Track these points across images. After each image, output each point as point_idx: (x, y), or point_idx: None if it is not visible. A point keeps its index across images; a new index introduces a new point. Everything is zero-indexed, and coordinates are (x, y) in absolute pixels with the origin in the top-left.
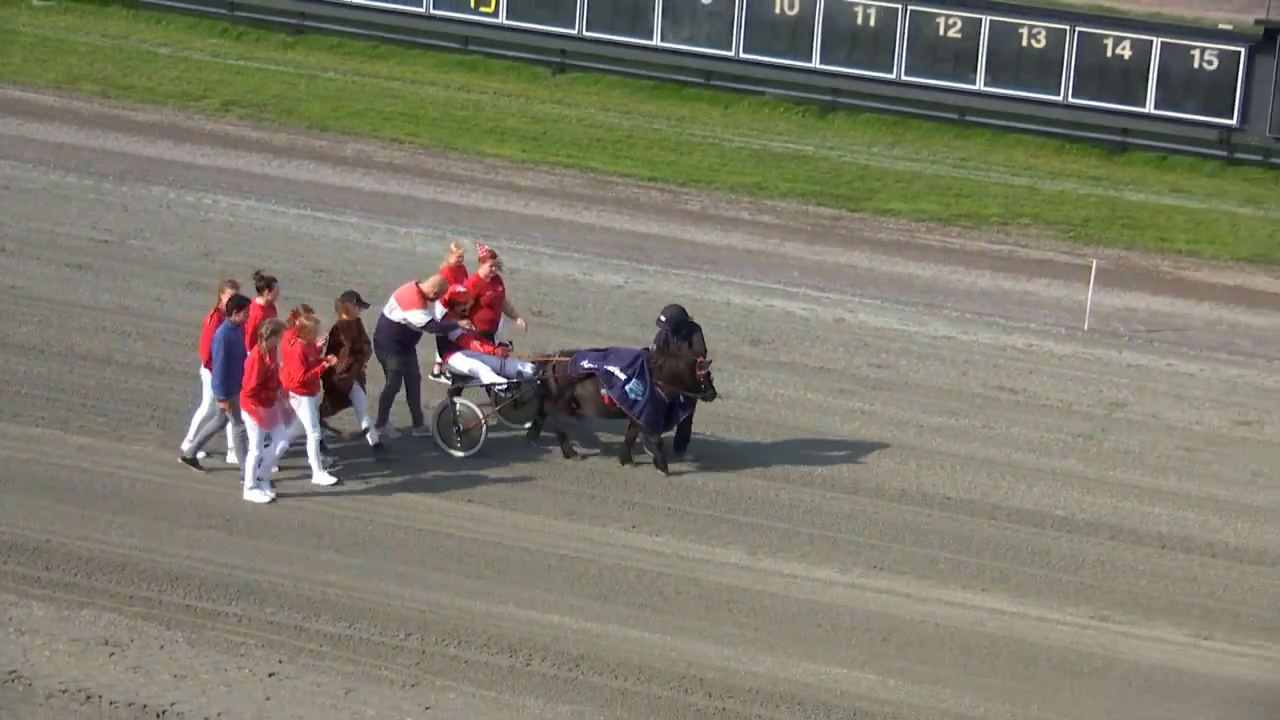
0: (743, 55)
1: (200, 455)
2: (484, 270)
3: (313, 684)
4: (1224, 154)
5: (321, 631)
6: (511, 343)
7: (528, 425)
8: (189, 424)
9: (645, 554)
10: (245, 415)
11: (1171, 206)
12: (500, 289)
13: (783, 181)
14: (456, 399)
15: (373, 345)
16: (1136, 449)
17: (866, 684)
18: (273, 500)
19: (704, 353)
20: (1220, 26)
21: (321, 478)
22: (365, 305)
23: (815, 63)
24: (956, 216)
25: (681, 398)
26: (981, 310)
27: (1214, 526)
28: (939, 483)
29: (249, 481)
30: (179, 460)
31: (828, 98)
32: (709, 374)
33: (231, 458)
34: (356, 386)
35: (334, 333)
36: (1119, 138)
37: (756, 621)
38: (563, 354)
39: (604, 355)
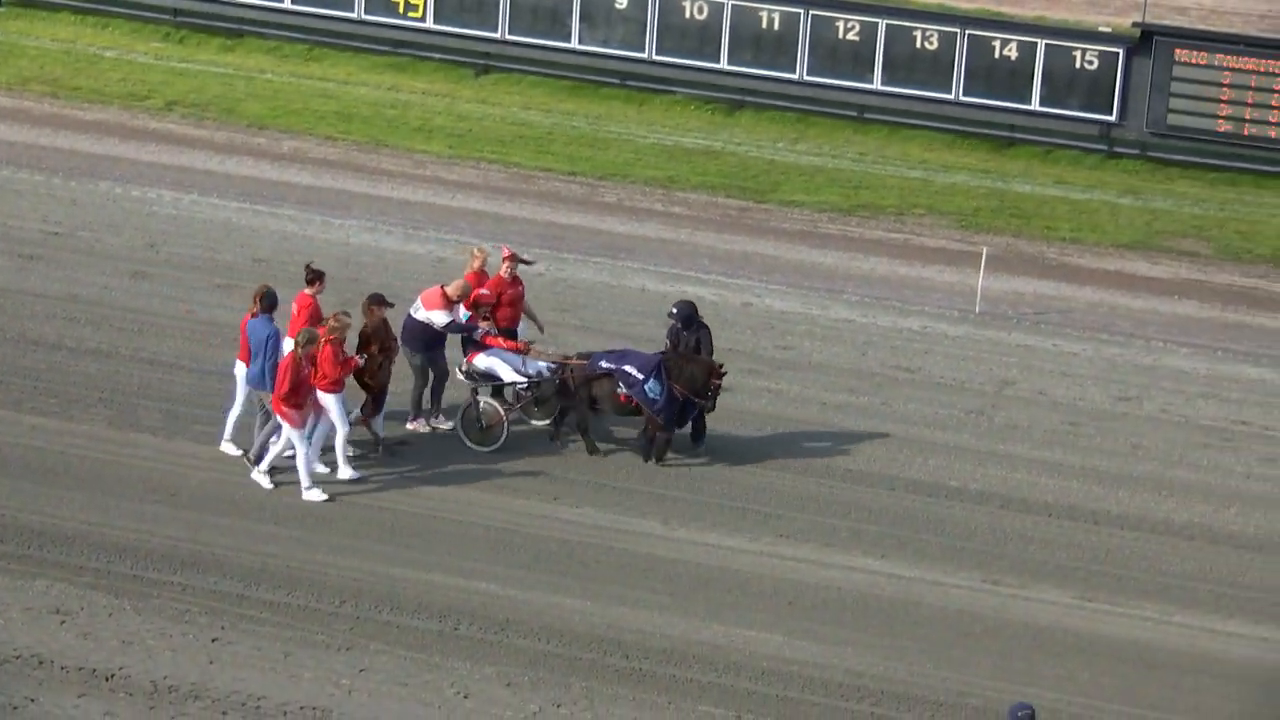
0: (655, 57)
1: (237, 452)
2: (504, 270)
3: (253, 649)
4: (1104, 148)
5: (261, 599)
6: (533, 341)
7: (546, 422)
8: (225, 422)
9: (567, 524)
10: (278, 418)
11: (1056, 197)
12: (520, 288)
13: (693, 175)
14: (480, 397)
15: (399, 343)
16: (1025, 424)
17: (773, 645)
18: (328, 500)
19: (712, 354)
20: (1100, 29)
21: (345, 471)
22: (390, 305)
23: (723, 64)
24: (856, 207)
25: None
26: (880, 295)
27: (1097, 496)
28: (840, 456)
29: (305, 482)
30: (230, 454)
31: (735, 97)
32: (719, 386)
33: (228, 448)
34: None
35: (363, 334)
36: (1006, 133)
37: (671, 587)
38: (580, 356)
39: (621, 356)
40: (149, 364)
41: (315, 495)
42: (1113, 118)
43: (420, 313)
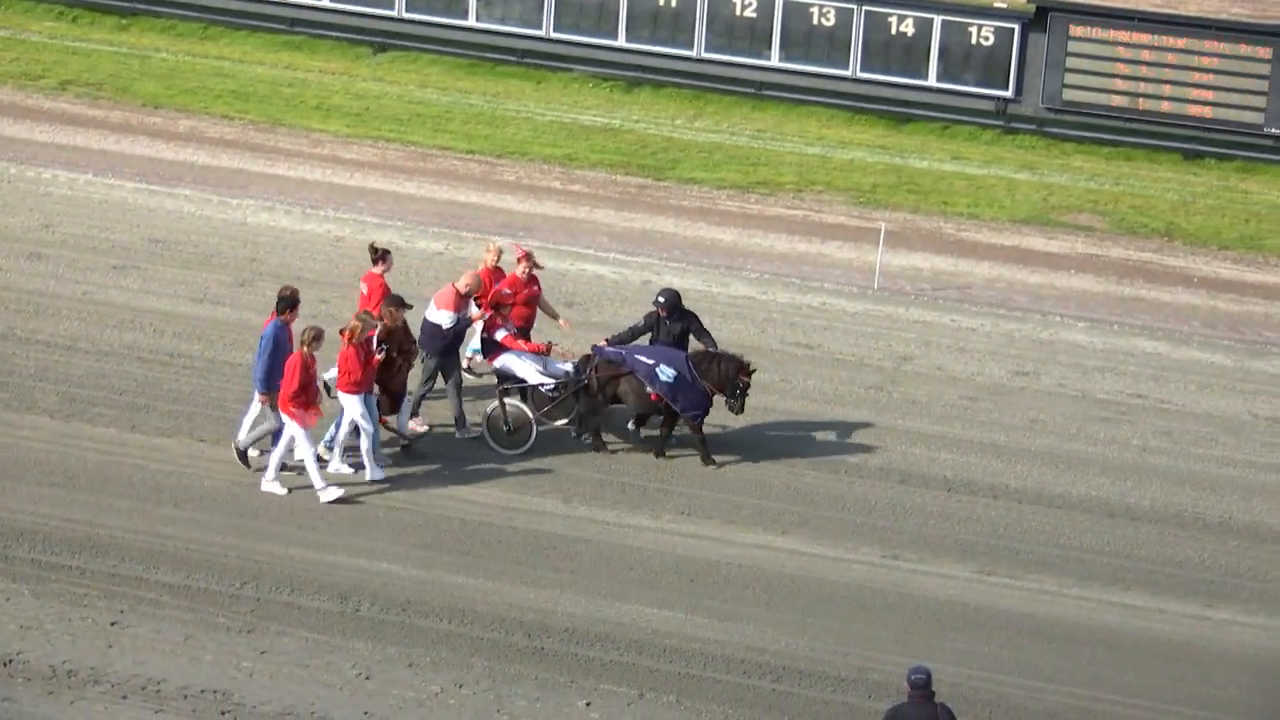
0: (553, 35)
1: (253, 453)
2: (520, 270)
3: (153, 631)
4: (1000, 124)
5: (161, 582)
6: (553, 342)
7: (564, 421)
8: (240, 422)
9: (467, 504)
10: (285, 416)
11: (953, 173)
12: (536, 288)
13: (592, 153)
14: (506, 399)
15: (418, 345)
16: (923, 399)
17: (675, 622)
18: (340, 499)
19: (711, 340)
20: (996, 5)
21: (377, 473)
22: (409, 307)
23: (621, 41)
24: (754, 184)
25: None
26: (779, 271)
27: (995, 470)
28: (741, 433)
29: (317, 483)
30: (235, 452)
31: (633, 74)
32: (748, 384)
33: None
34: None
35: (380, 336)
36: (903, 109)
37: (572, 565)
38: (586, 357)
39: (649, 353)
40: (45, 346)
41: (331, 494)
42: (1009, 93)
43: (434, 314)
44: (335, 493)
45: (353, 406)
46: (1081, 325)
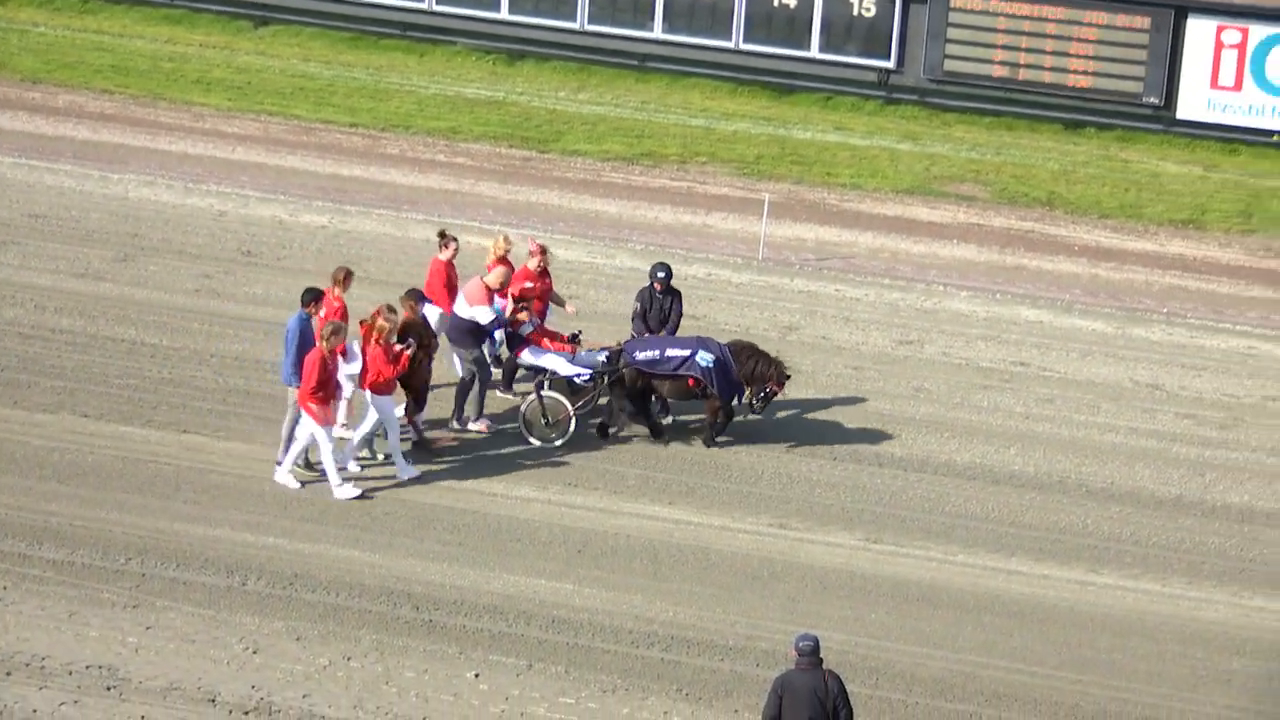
0: (435, 7)
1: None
2: (533, 264)
3: (37, 608)
4: (883, 94)
5: (45, 558)
6: (581, 331)
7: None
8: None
9: (355, 478)
10: (304, 415)
11: (836, 144)
12: (548, 282)
13: (476, 126)
14: (543, 391)
15: (447, 340)
16: (809, 369)
17: (564, 593)
18: (361, 496)
19: (680, 319)
20: None
21: (409, 471)
22: (427, 301)
23: (504, 13)
24: (639, 156)
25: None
26: (664, 243)
27: (881, 439)
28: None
29: (334, 480)
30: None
31: (516, 46)
32: (776, 393)
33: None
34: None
35: (400, 331)
36: (786, 80)
37: (460, 538)
38: (618, 345)
39: (681, 344)
40: None
41: (347, 492)
42: (891, 64)
43: (465, 310)
44: (352, 491)
45: (383, 408)
46: (964, 294)
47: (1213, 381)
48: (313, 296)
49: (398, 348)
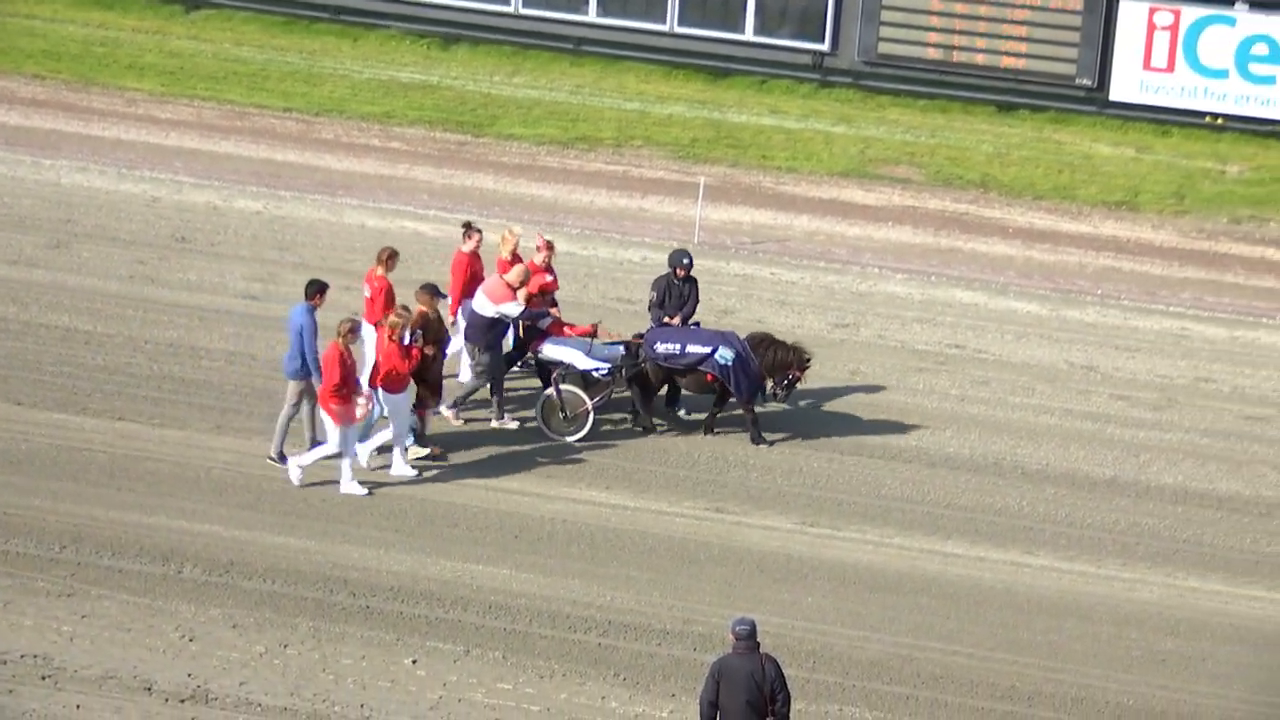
0: None
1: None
2: (540, 259)
3: None
4: (817, 77)
5: None
6: (601, 321)
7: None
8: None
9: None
10: (321, 412)
11: (771, 127)
12: (554, 277)
13: (410, 110)
14: (560, 385)
15: (464, 338)
16: None
17: (500, 578)
18: (369, 494)
19: (697, 304)
20: None
21: (403, 469)
22: (443, 296)
23: None
24: (574, 140)
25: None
26: (600, 227)
27: (816, 422)
28: None
29: (346, 475)
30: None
31: (450, 30)
32: (799, 379)
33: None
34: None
35: (413, 326)
36: (721, 64)
37: (396, 524)
38: (636, 336)
39: (681, 337)
40: None
41: (355, 490)
42: (825, 47)
43: (489, 308)
44: (361, 490)
45: (399, 406)
46: (900, 277)
47: (1146, 363)
48: (317, 289)
49: (408, 342)
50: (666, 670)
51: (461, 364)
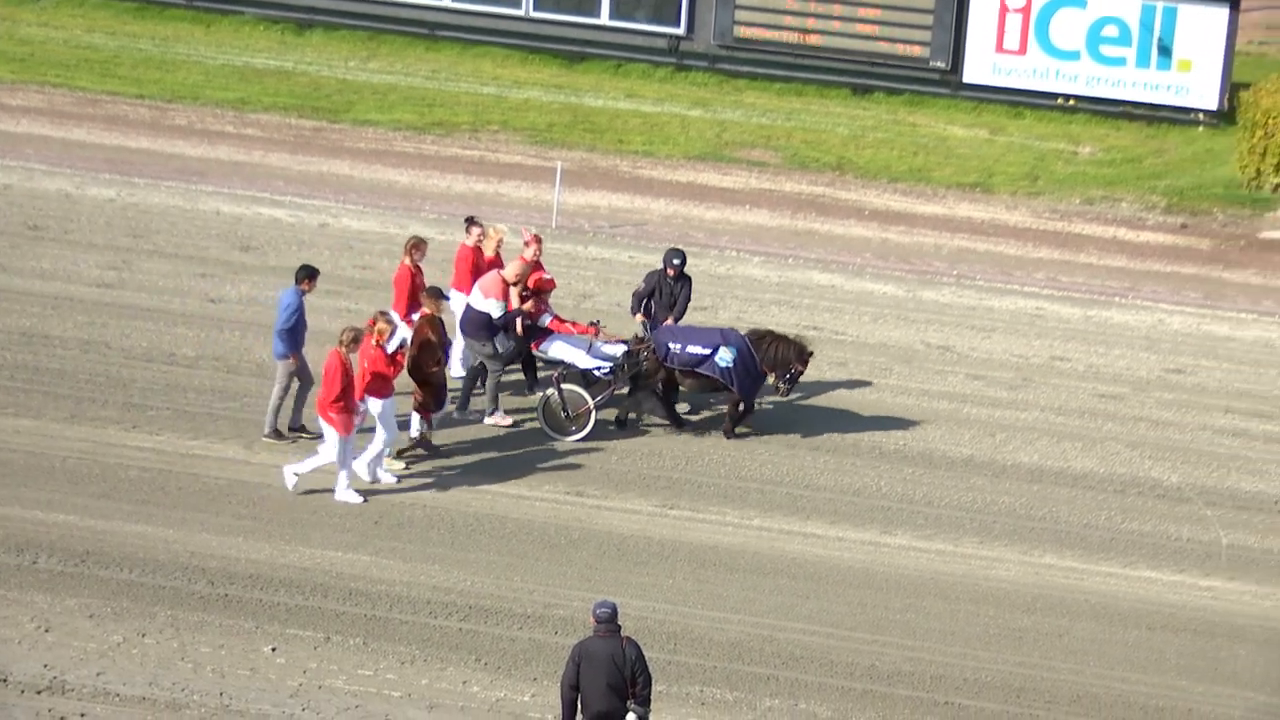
0: None
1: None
2: (529, 254)
3: None
4: (674, 61)
5: None
6: (600, 320)
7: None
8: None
9: (146, 452)
10: (324, 424)
11: (628, 111)
12: (541, 271)
13: (265, 96)
14: (562, 385)
15: (460, 333)
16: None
17: (360, 565)
18: (364, 502)
19: (688, 304)
20: None
21: (385, 476)
22: (446, 299)
23: None
24: (430, 125)
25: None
26: (457, 212)
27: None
28: None
29: (342, 483)
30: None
31: (304, 16)
32: (801, 372)
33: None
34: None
35: (420, 327)
36: (578, 48)
37: (254, 512)
38: (636, 339)
39: (704, 338)
40: None
41: (351, 497)
42: (681, 31)
43: (481, 303)
44: (357, 498)
45: (386, 413)
46: (757, 259)
47: (1002, 342)
48: (307, 274)
49: (392, 349)
50: (528, 654)
51: (452, 361)
